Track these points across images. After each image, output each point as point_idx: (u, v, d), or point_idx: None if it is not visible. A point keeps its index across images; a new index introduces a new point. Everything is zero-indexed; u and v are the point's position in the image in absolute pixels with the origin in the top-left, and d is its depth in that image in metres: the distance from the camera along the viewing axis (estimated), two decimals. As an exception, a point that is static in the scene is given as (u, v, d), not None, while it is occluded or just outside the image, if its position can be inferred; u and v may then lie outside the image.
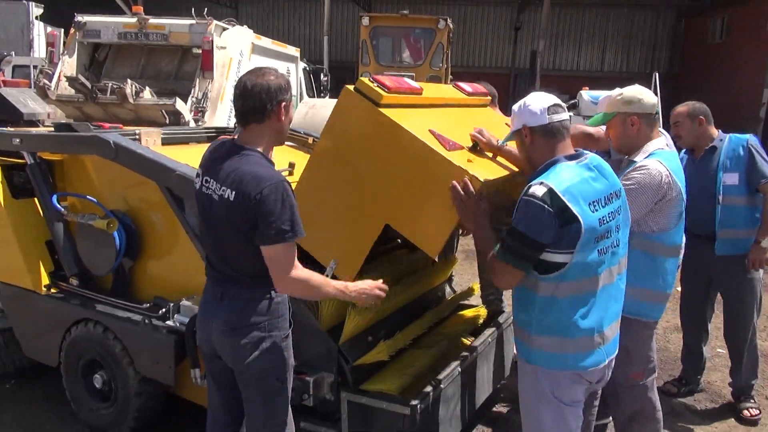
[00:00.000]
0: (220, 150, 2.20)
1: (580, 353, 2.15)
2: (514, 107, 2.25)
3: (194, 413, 3.15)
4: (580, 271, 2.08)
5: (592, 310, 2.13)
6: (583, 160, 2.15)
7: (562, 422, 2.24)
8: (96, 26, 7.96)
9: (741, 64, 18.24)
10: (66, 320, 3.18)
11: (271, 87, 2.12)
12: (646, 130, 2.71)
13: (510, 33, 23.26)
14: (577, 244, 2.02)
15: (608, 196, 2.13)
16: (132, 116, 7.35)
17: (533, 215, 2.02)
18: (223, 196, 2.09)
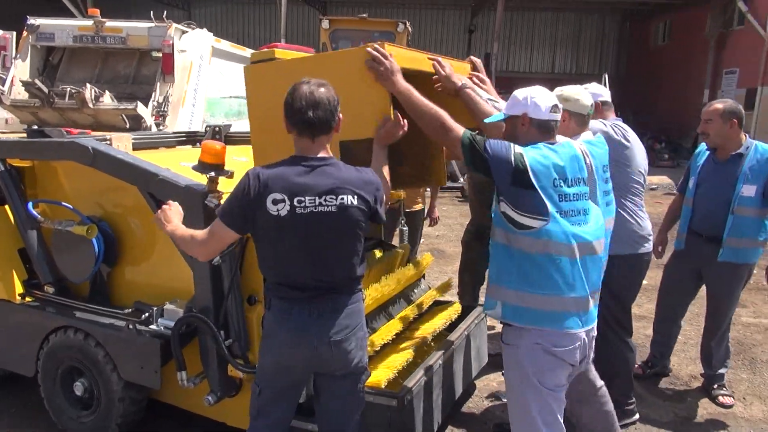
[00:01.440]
0: (296, 170, 2.16)
1: (554, 312, 2.29)
2: (516, 94, 2.41)
3: (177, 417, 3.17)
4: (548, 234, 2.25)
5: (568, 275, 2.28)
6: (556, 145, 2.36)
7: (546, 406, 2.35)
8: (49, 29, 7.75)
9: (683, 66, 19.09)
10: (43, 329, 3.13)
11: (335, 97, 2.19)
12: (575, 127, 2.86)
13: (464, 36, 23.67)
14: (542, 207, 2.23)
15: (575, 178, 2.35)
16: (90, 121, 7.20)
17: (500, 147, 2.28)
18: (344, 204, 2.15)
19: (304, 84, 2.17)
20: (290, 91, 2.19)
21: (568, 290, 2.29)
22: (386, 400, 2.68)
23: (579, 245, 2.29)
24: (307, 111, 2.13)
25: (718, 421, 3.60)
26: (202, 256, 2.38)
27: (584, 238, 2.32)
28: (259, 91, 2.65)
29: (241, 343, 2.77)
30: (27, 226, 3.22)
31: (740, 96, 15.98)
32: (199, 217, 2.67)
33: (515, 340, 2.38)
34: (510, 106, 2.44)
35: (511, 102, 2.44)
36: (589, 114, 2.91)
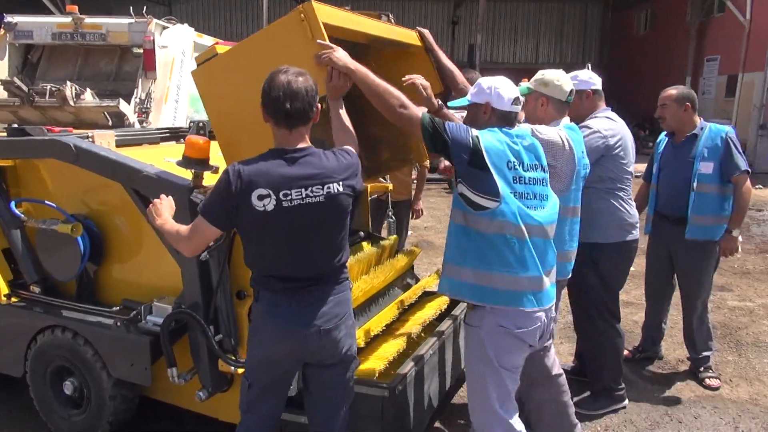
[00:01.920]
0: (278, 164, 2.13)
1: (510, 290, 2.35)
2: (481, 82, 2.48)
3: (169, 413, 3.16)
4: (502, 215, 2.31)
5: (522, 255, 2.34)
6: (514, 131, 2.44)
7: (502, 387, 2.44)
8: (28, 27, 7.64)
9: (665, 54, 19.24)
10: (30, 329, 3.10)
11: (314, 87, 2.16)
12: (553, 113, 2.87)
13: (448, 27, 23.68)
14: (497, 189, 2.29)
15: (533, 164, 2.41)
16: (72, 119, 7.11)
17: (458, 130, 2.34)
18: (330, 193, 2.15)
19: (281, 73, 2.12)
20: (267, 79, 2.15)
21: (521, 269, 2.35)
22: (378, 390, 2.69)
23: (528, 226, 2.35)
24: (284, 102, 2.09)
25: (706, 403, 3.65)
26: (187, 251, 2.36)
27: (536, 221, 2.38)
28: (210, 90, 2.63)
29: (231, 338, 2.76)
30: (11, 226, 3.18)
31: (722, 83, 16.17)
32: (185, 212, 2.65)
33: (478, 321, 2.44)
34: (475, 94, 2.50)
35: (476, 89, 2.50)
36: (568, 101, 2.89)
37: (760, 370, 4.10)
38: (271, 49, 2.44)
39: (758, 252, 7.19)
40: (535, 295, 2.39)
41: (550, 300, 2.48)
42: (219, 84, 2.58)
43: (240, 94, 2.51)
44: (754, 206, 9.85)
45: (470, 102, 2.52)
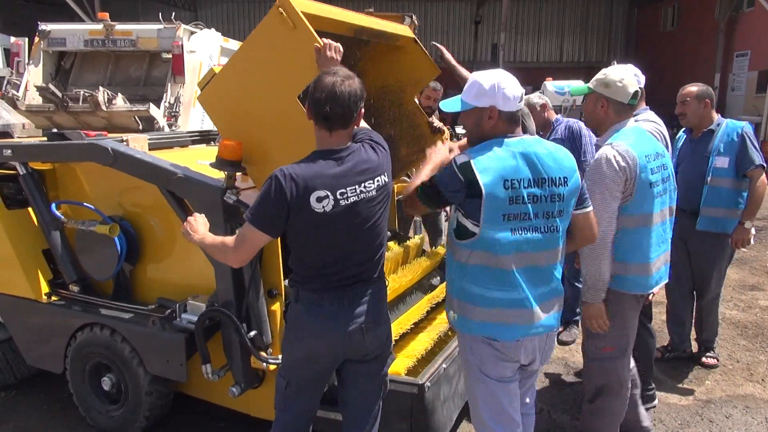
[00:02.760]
0: (328, 165, 2.14)
1: (488, 323, 2.19)
2: (481, 82, 2.16)
3: (201, 411, 3.25)
4: (489, 246, 2.11)
5: (507, 286, 2.14)
6: (522, 139, 2.18)
7: (491, 397, 2.29)
8: (61, 34, 7.85)
9: (692, 50, 18.92)
10: (70, 327, 3.21)
11: (358, 92, 2.15)
12: (613, 116, 2.71)
13: (471, 27, 23.61)
14: (481, 216, 2.08)
15: (538, 179, 2.12)
16: (104, 124, 7.29)
17: (447, 177, 2.15)
18: (379, 184, 2.23)
19: (329, 75, 2.14)
20: (315, 79, 2.19)
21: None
22: (407, 387, 2.72)
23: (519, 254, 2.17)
24: (324, 105, 2.10)
25: (738, 403, 3.61)
26: (235, 262, 2.30)
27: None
28: (218, 111, 2.75)
29: (263, 335, 2.83)
30: (51, 227, 3.29)
31: (752, 79, 15.84)
32: (219, 213, 2.73)
33: (461, 326, 2.33)
34: (474, 96, 2.17)
35: (476, 90, 2.17)
36: (631, 104, 2.70)
37: (793, 370, 4.03)
38: (262, 52, 2.53)
39: (791, 251, 7.05)
40: (529, 328, 2.21)
41: (546, 328, 2.26)
42: (225, 102, 2.67)
43: (247, 106, 2.61)
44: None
45: (471, 107, 2.20)
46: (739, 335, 4.61)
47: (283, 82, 2.49)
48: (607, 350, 2.83)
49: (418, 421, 2.73)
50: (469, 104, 2.20)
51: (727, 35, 17.33)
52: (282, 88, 2.50)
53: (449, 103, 2.33)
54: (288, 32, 2.43)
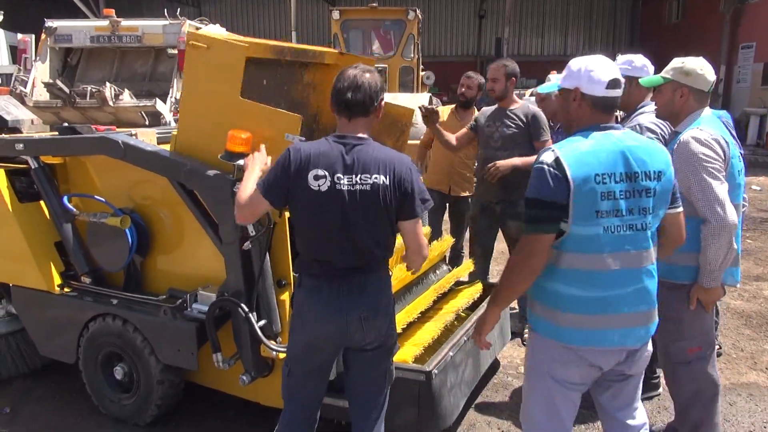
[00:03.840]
0: (336, 148, 2.23)
1: (573, 328, 2.07)
2: (571, 64, 2.15)
3: (212, 400, 3.30)
4: (581, 245, 2.03)
5: (596, 289, 2.04)
6: (610, 132, 2.08)
7: (548, 399, 2.19)
8: (67, 31, 7.92)
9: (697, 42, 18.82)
10: (82, 317, 3.27)
11: (378, 84, 2.29)
12: (694, 104, 2.64)
13: (474, 21, 23.56)
14: (570, 212, 1.99)
15: (630, 174, 2.02)
16: (111, 119, 7.36)
17: (543, 181, 2.00)
18: (377, 183, 2.19)
19: (351, 68, 2.29)
20: (339, 73, 2.32)
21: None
22: (414, 375, 2.77)
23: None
24: (346, 92, 2.24)
25: (742, 390, 3.64)
26: (238, 216, 2.42)
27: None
28: (201, 146, 2.94)
29: (272, 324, 2.87)
30: (62, 220, 3.34)
31: (757, 70, 15.78)
32: (228, 204, 2.77)
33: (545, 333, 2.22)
34: (564, 77, 2.17)
35: (566, 72, 2.17)
36: (709, 92, 2.66)
37: (797, 359, 4.07)
38: (200, 82, 2.88)
39: (796, 242, 7.06)
40: (618, 334, 2.08)
41: (640, 339, 2.13)
42: (201, 136, 2.92)
43: (216, 125, 2.81)
44: (791, 196, 9.64)
45: (560, 87, 2.20)
46: (744, 325, 4.64)
47: (225, 90, 2.79)
48: (693, 351, 2.68)
49: (426, 407, 2.78)
50: (560, 85, 2.20)
51: (732, 27, 17.26)
52: (229, 95, 2.78)
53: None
54: (206, 54, 2.78)
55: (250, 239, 2.76)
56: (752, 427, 3.26)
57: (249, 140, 2.74)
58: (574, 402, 2.23)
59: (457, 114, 4.64)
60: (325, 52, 3.78)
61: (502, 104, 4.16)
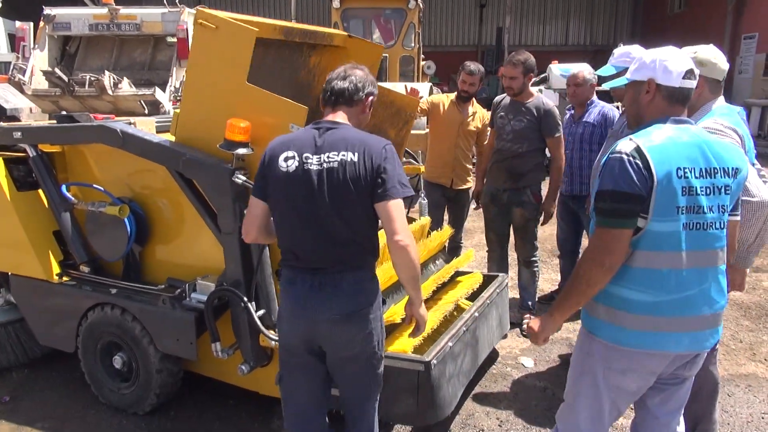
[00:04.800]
0: (309, 132, 2.22)
1: (643, 331, 1.98)
2: (643, 56, 2.07)
3: (211, 389, 3.31)
4: (658, 242, 1.93)
5: (669, 290, 1.95)
6: (686, 126, 2.02)
7: (596, 403, 2.12)
8: (66, 18, 7.84)
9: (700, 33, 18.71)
10: (81, 306, 3.26)
11: (367, 79, 2.34)
12: (708, 95, 2.58)
13: (475, 11, 23.41)
14: (651, 207, 1.89)
15: (709, 169, 1.94)
16: (110, 108, 7.31)
17: (621, 168, 1.90)
18: (345, 160, 2.11)
19: (343, 65, 2.36)
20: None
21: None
22: (413, 365, 2.77)
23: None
24: (332, 81, 2.30)
25: (740, 382, 3.65)
26: (243, 232, 2.38)
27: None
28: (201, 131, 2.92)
29: (271, 314, 2.87)
30: (61, 209, 3.33)
31: (760, 61, 15.70)
32: (227, 194, 2.76)
33: (598, 330, 2.11)
34: (635, 70, 2.09)
35: (637, 64, 2.09)
36: (723, 80, 2.63)
37: (796, 350, 4.07)
38: (205, 63, 2.82)
39: (796, 233, 7.04)
40: (686, 338, 2.00)
41: (707, 342, 2.05)
42: (203, 121, 2.89)
43: (220, 109, 2.78)
44: (792, 187, 9.62)
45: (629, 80, 2.11)
46: (743, 316, 4.64)
47: (232, 74, 2.75)
48: None
49: (425, 397, 2.78)
50: (630, 78, 2.11)
51: (735, 17, 17.15)
52: (235, 79, 2.74)
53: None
54: (214, 35, 2.73)
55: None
56: (750, 418, 3.26)
57: (248, 129, 2.73)
58: (620, 411, 2.18)
59: (458, 106, 4.60)
60: (334, 33, 3.76)
61: (518, 98, 4.15)
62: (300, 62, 3.72)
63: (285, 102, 2.71)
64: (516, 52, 4.16)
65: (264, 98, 2.73)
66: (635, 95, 2.09)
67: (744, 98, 15.75)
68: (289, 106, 2.70)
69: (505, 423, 3.21)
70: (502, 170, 4.22)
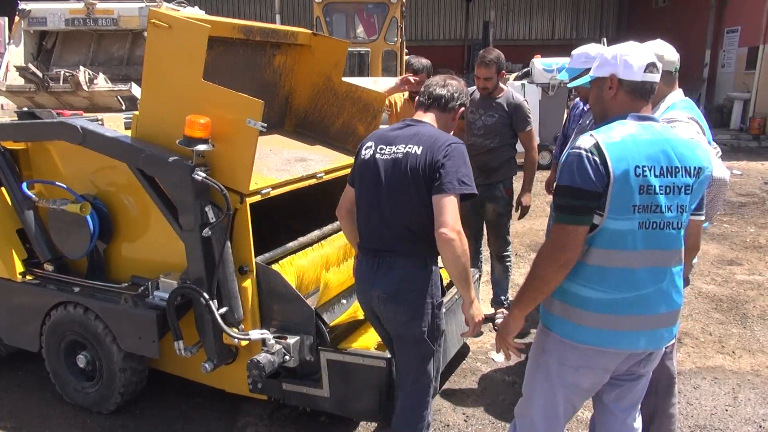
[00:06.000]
0: (392, 127, 2.53)
1: (598, 329, 1.98)
2: (604, 52, 2.08)
3: (178, 387, 3.29)
4: (614, 240, 1.92)
5: (623, 288, 1.95)
6: (650, 123, 2.00)
7: (551, 400, 2.14)
8: (41, 13, 7.74)
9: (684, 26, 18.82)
10: (44, 305, 3.23)
11: (462, 90, 2.59)
12: (662, 87, 2.52)
13: (462, 5, 23.35)
14: (607, 204, 1.88)
15: (670, 168, 1.92)
16: (86, 104, 7.24)
17: (578, 165, 1.89)
18: (409, 152, 2.34)
19: (443, 74, 2.65)
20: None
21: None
22: (375, 361, 2.77)
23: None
24: (433, 86, 2.55)
25: (707, 374, 3.68)
26: (338, 208, 2.66)
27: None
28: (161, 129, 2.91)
29: (234, 312, 2.85)
30: (23, 207, 3.29)
31: (742, 55, 15.80)
32: (188, 191, 2.74)
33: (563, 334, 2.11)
34: (597, 67, 2.09)
35: (599, 61, 2.08)
36: (676, 70, 2.62)
37: (764, 342, 4.11)
38: (161, 62, 2.81)
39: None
40: (640, 337, 2.00)
41: (663, 340, 2.06)
42: (162, 119, 2.88)
43: (178, 107, 2.77)
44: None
45: (592, 77, 2.11)
46: (714, 309, 4.68)
47: (188, 72, 2.75)
48: None
49: (387, 394, 2.77)
50: (593, 75, 2.11)
51: (718, 11, 17.24)
52: (191, 77, 2.74)
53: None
54: (168, 34, 2.74)
55: (209, 226, 2.73)
56: (714, 410, 3.29)
57: (208, 125, 2.71)
58: (575, 407, 2.19)
59: (411, 105, 4.47)
60: (298, 32, 3.74)
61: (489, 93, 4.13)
62: (263, 62, 3.70)
63: (240, 97, 2.69)
64: (485, 51, 4.12)
65: (220, 94, 2.72)
66: (599, 92, 2.09)
67: (726, 92, 15.87)
68: (244, 101, 2.68)
69: (471, 418, 3.22)
70: (473, 166, 4.17)
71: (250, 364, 2.73)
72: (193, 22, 2.73)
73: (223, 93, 2.73)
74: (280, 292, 2.88)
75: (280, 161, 3.33)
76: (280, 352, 2.78)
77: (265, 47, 3.68)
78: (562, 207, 1.93)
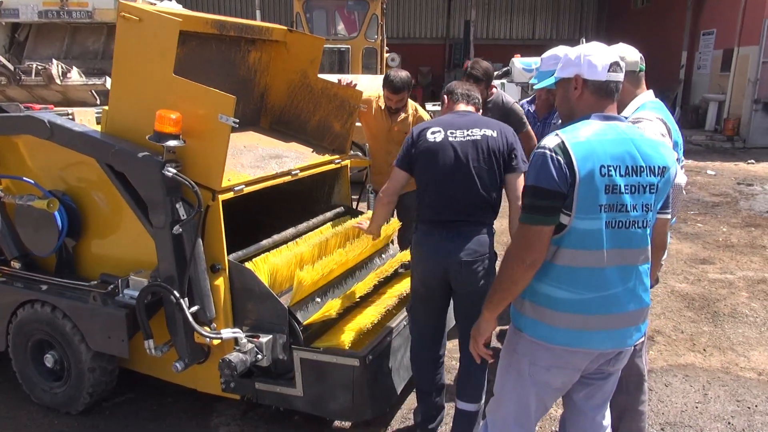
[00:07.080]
0: (448, 116, 2.88)
1: (567, 329, 1.98)
2: (568, 53, 2.09)
3: (149, 387, 3.24)
4: (581, 240, 1.92)
5: (591, 288, 1.95)
6: (615, 123, 2.00)
7: (524, 400, 2.14)
8: (13, 5, 7.58)
9: (662, 28, 19.07)
10: (11, 303, 3.16)
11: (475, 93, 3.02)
12: (628, 87, 2.55)
13: (443, 3, 23.38)
14: (573, 204, 1.89)
15: (635, 167, 1.93)
16: (59, 98, 7.10)
17: (542, 165, 1.89)
18: (486, 135, 2.73)
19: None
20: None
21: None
22: (348, 360, 2.75)
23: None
24: (457, 87, 2.98)
25: (678, 372, 3.72)
26: (381, 193, 2.94)
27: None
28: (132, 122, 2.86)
29: (206, 310, 2.81)
30: (-11, 203, 3.21)
31: (717, 57, 16.04)
32: (159, 186, 2.69)
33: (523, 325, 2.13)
34: (561, 68, 2.09)
35: (563, 62, 2.09)
36: (641, 70, 2.62)
37: (734, 340, 4.17)
38: (131, 55, 2.78)
39: (744, 226, 7.23)
40: (607, 336, 2.01)
41: (631, 338, 2.06)
42: (133, 112, 2.82)
43: (150, 100, 2.73)
44: (744, 180, 9.88)
45: (558, 79, 2.11)
46: (686, 307, 4.74)
47: (158, 66, 2.72)
48: None
49: (360, 393, 2.76)
50: (557, 77, 2.11)
51: (694, 13, 17.47)
52: (161, 71, 2.71)
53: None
54: (138, 27, 2.70)
55: (180, 223, 2.69)
56: (684, 407, 3.33)
57: (179, 121, 2.66)
58: (547, 406, 2.20)
59: (385, 112, 4.35)
60: (272, 28, 3.71)
61: None
62: (238, 58, 3.66)
63: (212, 92, 2.66)
64: (475, 62, 4.01)
65: (191, 89, 2.68)
66: (565, 93, 2.09)
67: (702, 93, 16.10)
68: (216, 97, 2.64)
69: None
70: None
71: (222, 363, 2.70)
72: (164, 15, 2.68)
73: (194, 88, 2.69)
74: (253, 290, 2.86)
75: (254, 158, 3.29)
76: (253, 351, 2.75)
77: (240, 43, 3.64)
78: (528, 207, 1.94)
